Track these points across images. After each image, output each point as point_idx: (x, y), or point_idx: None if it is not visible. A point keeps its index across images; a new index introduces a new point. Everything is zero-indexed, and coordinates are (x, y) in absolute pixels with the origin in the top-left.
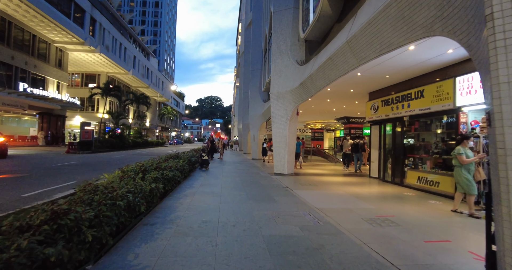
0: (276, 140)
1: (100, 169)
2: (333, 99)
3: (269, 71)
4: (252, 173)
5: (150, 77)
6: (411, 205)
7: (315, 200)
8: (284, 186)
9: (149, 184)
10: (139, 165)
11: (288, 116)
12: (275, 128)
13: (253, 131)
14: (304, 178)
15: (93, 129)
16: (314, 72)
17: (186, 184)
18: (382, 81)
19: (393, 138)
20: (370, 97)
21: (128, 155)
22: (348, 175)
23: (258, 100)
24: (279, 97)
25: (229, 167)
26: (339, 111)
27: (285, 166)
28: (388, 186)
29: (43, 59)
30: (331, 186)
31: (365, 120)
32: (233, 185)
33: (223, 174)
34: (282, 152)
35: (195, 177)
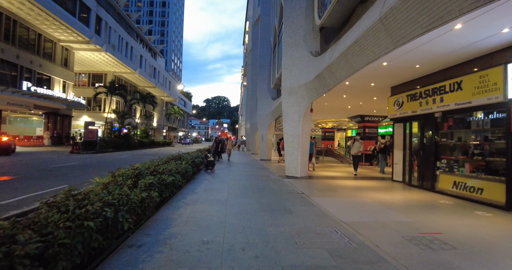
0: (288, 140)
1: (99, 171)
2: (350, 94)
3: (278, 66)
4: (262, 176)
5: (157, 77)
6: (455, 217)
7: (338, 210)
8: (299, 192)
9: (140, 193)
10: (133, 168)
11: (302, 113)
12: (286, 126)
13: (262, 131)
14: (319, 182)
15: (97, 129)
16: (334, 61)
17: (188, 189)
18: (408, 73)
19: (421, 137)
20: (392, 92)
21: (132, 156)
22: (368, 179)
23: (267, 97)
24: (291, 92)
25: (236, 169)
26: (354, 109)
27: (298, 169)
28: (417, 192)
29: (48, 58)
30: (352, 191)
31: (388, 117)
32: (241, 191)
33: (230, 177)
34: (294, 153)
35: (199, 180)
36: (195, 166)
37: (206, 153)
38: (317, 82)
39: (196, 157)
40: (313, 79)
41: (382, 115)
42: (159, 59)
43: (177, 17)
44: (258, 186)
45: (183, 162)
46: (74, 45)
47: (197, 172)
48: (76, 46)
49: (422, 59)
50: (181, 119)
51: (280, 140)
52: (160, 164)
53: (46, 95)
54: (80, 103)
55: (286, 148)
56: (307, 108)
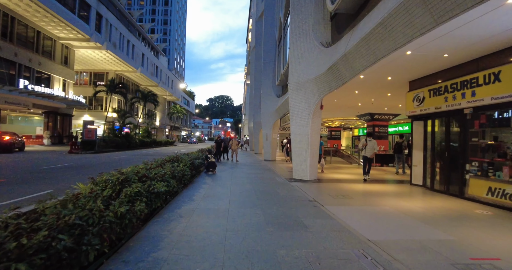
0: (295, 140)
1: (92, 173)
2: (363, 90)
3: (284, 61)
4: (267, 179)
5: (159, 76)
6: (506, 233)
7: (360, 224)
8: (310, 199)
9: (119, 207)
10: (119, 173)
11: (311, 110)
12: (294, 125)
13: (266, 130)
14: (331, 186)
15: (96, 128)
16: (352, 49)
17: (185, 196)
18: (433, 64)
19: (447, 137)
20: (411, 87)
21: (131, 156)
22: (383, 182)
23: (271, 95)
24: (299, 88)
25: (239, 170)
26: (365, 106)
27: (307, 171)
28: (443, 198)
29: (48, 56)
30: (370, 198)
31: (406, 115)
32: (244, 198)
33: (232, 180)
34: (303, 154)
35: (198, 184)
36: (195, 168)
37: (207, 154)
38: (329, 75)
39: (195, 158)
40: (325, 72)
41: (392, 113)
42: (162, 57)
43: (179, 16)
44: (263, 192)
45: (181, 164)
46: (74, 43)
47: (196, 175)
48: (76, 44)
49: (453, 46)
50: (183, 118)
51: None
52: (153, 168)
53: (44, 93)
54: (80, 102)
55: (294, 149)
56: (317, 104)
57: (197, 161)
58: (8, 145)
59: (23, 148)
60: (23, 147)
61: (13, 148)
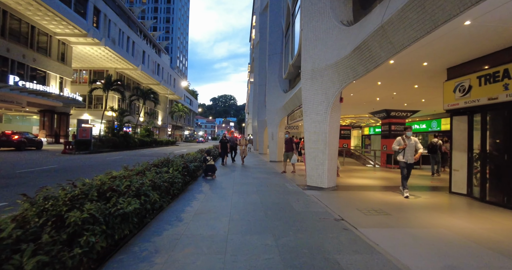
0: (310, 139)
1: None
2: (388, 81)
3: (292, 51)
4: (276, 185)
5: (161, 74)
6: None
7: (422, 263)
8: (336, 218)
9: (29, 259)
10: (70, 187)
11: (329, 103)
12: (308, 121)
13: (271, 128)
14: (355, 195)
15: (91, 127)
16: (395, 18)
17: (171, 213)
18: (493, 42)
19: (507, 134)
20: (450, 75)
21: (128, 156)
22: (414, 189)
23: (277, 90)
24: (314, 76)
25: (243, 174)
26: (383, 102)
27: (324, 177)
28: (505, 214)
29: (43, 52)
30: (412, 213)
31: (444, 109)
32: (249, 215)
33: (234, 187)
34: (319, 156)
35: (191, 194)
36: (189, 173)
37: (205, 156)
38: (355, 58)
39: (191, 160)
40: (350, 54)
41: (411, 110)
42: (164, 56)
43: (182, 14)
44: (273, 205)
45: (171, 170)
46: (71, 39)
47: (192, 181)
48: (73, 40)
49: None
50: (186, 117)
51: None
52: (132, 175)
53: (37, 90)
54: (76, 100)
55: (308, 150)
56: (336, 96)
57: (193, 165)
58: (17, 143)
59: (40, 146)
60: (40, 145)
61: (24, 147)
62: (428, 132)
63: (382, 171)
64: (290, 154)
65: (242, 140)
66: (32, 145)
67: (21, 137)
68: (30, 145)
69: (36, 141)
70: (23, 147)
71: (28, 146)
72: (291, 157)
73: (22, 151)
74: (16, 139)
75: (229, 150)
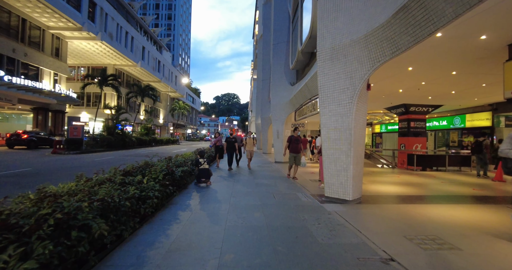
0: (328, 137)
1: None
2: (423, 64)
3: (301, 37)
4: (285, 196)
5: (162, 71)
6: None
7: None
8: (384, 257)
9: None
10: None
11: (356, 91)
12: (326, 115)
13: (277, 126)
14: (392, 212)
15: (83, 125)
16: None
17: (131, 248)
18: None
19: None
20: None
21: (120, 156)
22: (465, 199)
23: (284, 83)
24: (335, 56)
25: (244, 180)
26: (405, 94)
27: (349, 186)
28: None
29: (36, 47)
30: (490, 245)
31: (505, 97)
32: (250, 257)
33: (232, 201)
34: (342, 159)
35: (173, 212)
36: (175, 181)
37: (198, 158)
38: (397, 25)
39: (179, 164)
40: (388, 21)
41: (434, 104)
42: (165, 53)
43: (184, 11)
44: (286, 233)
45: (145, 179)
46: (66, 33)
47: (177, 192)
48: (68, 34)
49: None
50: (187, 115)
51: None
52: (80, 190)
53: (26, 86)
54: (70, 97)
55: (326, 151)
56: (365, 81)
57: (180, 170)
58: (27, 142)
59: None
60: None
61: (34, 145)
62: (449, 130)
63: (404, 174)
64: (298, 157)
65: (250, 140)
66: (45, 143)
67: (30, 136)
68: (42, 144)
69: (49, 140)
70: (34, 145)
71: (40, 144)
72: (299, 161)
73: (32, 149)
74: (25, 138)
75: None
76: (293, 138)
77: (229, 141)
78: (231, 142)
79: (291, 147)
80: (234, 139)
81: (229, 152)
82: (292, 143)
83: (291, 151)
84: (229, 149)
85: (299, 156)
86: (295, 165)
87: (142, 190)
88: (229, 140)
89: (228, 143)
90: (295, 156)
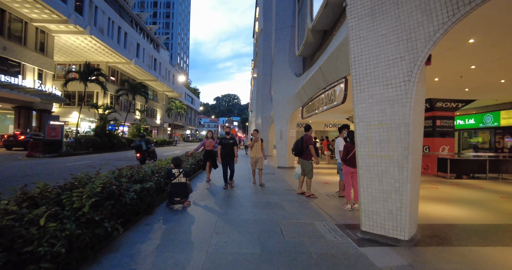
0: (368, 138)
1: None
2: (496, 31)
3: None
4: (299, 231)
5: (158, 69)
6: None
7: None
8: None
9: None
10: None
11: (418, 62)
12: (363, 103)
13: (279, 125)
14: (478, 266)
15: (62, 125)
16: None
17: None
18: None
19: None
20: None
21: (100, 161)
22: None
23: (288, 74)
24: (379, 10)
25: (237, 197)
26: (437, 86)
27: (404, 217)
28: None
29: (17, 40)
30: None
31: None
32: None
33: (211, 248)
34: (393, 172)
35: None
36: (126, 210)
37: (171, 168)
38: None
39: (138, 179)
40: None
41: (466, 99)
42: (163, 51)
43: (183, 9)
44: None
45: (42, 220)
46: (51, 27)
47: (122, 230)
48: (54, 28)
49: None
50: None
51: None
52: None
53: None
54: (56, 96)
55: (364, 160)
56: (432, 46)
57: (135, 189)
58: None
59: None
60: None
61: None
62: (477, 129)
63: (440, 184)
64: (307, 165)
65: (257, 145)
66: None
67: (27, 137)
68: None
69: None
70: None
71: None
72: (308, 170)
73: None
74: (22, 139)
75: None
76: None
77: (225, 144)
78: (227, 146)
79: (296, 150)
80: (232, 140)
81: (225, 161)
82: (296, 146)
83: (298, 154)
84: (225, 157)
85: (309, 165)
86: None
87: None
88: (225, 142)
89: (223, 147)
90: (305, 163)
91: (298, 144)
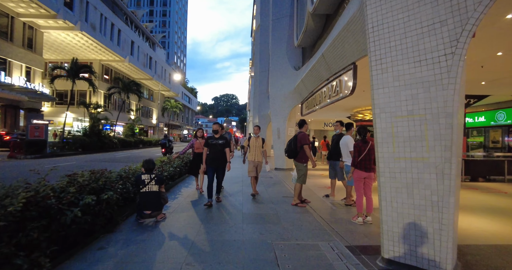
0: (393, 134)
1: None
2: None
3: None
4: (301, 260)
5: (153, 68)
6: None
7: None
8: None
9: None
10: None
11: (466, 29)
12: (386, 87)
13: (277, 123)
14: None
15: (45, 124)
16: None
17: None
18: None
19: None
20: None
21: (85, 162)
22: None
23: (286, 67)
24: None
25: (223, 208)
26: None
27: (447, 242)
28: None
29: (3, 36)
30: None
31: None
32: None
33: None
34: (429, 181)
35: None
36: (69, 232)
37: (140, 174)
38: None
39: (102, 185)
40: None
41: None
42: (159, 50)
43: (180, 7)
44: None
45: None
46: (40, 22)
47: (80, 251)
48: (43, 23)
49: None
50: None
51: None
52: None
53: None
54: (44, 94)
55: (387, 164)
56: (487, 7)
57: (82, 205)
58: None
59: None
60: None
61: None
62: (488, 127)
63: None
64: (301, 169)
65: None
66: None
67: (13, 137)
68: None
69: None
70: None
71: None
72: (301, 175)
73: None
74: (7, 139)
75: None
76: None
77: (212, 145)
78: (215, 147)
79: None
80: (223, 141)
81: (212, 168)
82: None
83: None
84: (213, 162)
85: (304, 168)
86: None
87: None
88: (212, 142)
89: (210, 148)
90: (299, 166)
91: (291, 144)
